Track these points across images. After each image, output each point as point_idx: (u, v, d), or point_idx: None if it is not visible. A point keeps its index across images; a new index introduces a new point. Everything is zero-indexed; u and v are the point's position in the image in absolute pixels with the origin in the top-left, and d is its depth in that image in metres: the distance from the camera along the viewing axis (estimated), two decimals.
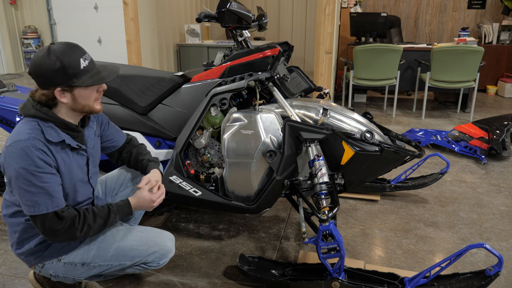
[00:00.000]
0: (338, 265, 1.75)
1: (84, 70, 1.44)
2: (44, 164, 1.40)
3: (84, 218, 1.48)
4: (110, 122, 1.81)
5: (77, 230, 1.46)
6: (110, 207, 1.56)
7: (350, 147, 1.92)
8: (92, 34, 5.27)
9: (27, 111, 1.46)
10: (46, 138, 1.44)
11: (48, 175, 1.41)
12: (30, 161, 1.37)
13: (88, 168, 1.62)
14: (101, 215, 1.53)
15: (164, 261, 1.69)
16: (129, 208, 1.61)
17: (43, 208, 1.39)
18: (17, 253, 1.58)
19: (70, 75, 1.40)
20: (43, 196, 1.39)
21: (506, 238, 2.34)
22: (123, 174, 1.90)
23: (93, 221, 1.50)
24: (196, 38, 5.56)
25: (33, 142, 1.39)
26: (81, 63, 1.43)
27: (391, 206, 2.71)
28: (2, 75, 6.85)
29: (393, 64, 4.77)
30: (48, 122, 1.46)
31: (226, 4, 2.06)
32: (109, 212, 1.55)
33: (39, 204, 1.39)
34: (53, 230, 1.42)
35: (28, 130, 1.42)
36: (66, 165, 1.50)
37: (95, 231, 1.53)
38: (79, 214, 1.48)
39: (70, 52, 1.41)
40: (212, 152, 2.19)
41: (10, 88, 2.48)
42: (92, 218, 1.50)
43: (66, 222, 1.43)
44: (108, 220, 1.55)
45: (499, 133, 3.44)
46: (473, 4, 6.87)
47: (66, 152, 1.51)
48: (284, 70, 2.29)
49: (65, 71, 1.39)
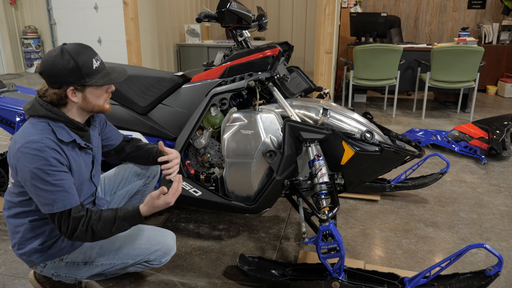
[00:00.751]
0: (338, 265, 1.75)
1: (96, 70, 1.47)
2: (58, 163, 1.41)
3: (89, 220, 1.45)
4: (107, 121, 1.83)
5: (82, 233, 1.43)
6: (118, 212, 1.50)
7: (350, 147, 1.93)
8: (92, 34, 5.28)
9: (35, 111, 1.46)
10: (58, 138, 1.45)
11: (62, 173, 1.42)
12: (44, 161, 1.37)
13: (93, 166, 1.63)
14: (105, 220, 1.47)
15: (166, 259, 1.70)
16: (140, 218, 1.51)
17: (61, 205, 1.40)
18: (18, 253, 1.58)
19: (83, 74, 1.43)
20: (61, 194, 1.40)
21: (506, 238, 2.34)
22: (121, 172, 1.91)
23: (96, 224, 1.45)
24: (196, 38, 5.56)
25: (46, 142, 1.40)
26: (93, 63, 1.46)
27: (391, 206, 2.71)
28: (2, 75, 6.85)
29: (393, 64, 4.77)
30: (59, 122, 1.48)
31: (226, 4, 2.06)
32: (116, 218, 1.48)
33: (57, 201, 1.39)
34: (72, 228, 1.42)
35: (40, 130, 1.42)
36: (76, 164, 1.51)
37: (101, 235, 1.47)
38: (86, 216, 1.45)
39: (83, 52, 1.45)
40: (212, 152, 2.19)
41: (10, 88, 2.48)
42: (96, 221, 1.46)
43: (76, 222, 1.43)
44: (114, 226, 1.48)
45: (499, 133, 3.44)
46: (473, 4, 6.87)
47: (76, 152, 1.52)
48: (284, 70, 2.29)
49: (79, 70, 1.42)
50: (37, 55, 7.02)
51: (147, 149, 1.85)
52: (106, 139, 1.81)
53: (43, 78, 1.46)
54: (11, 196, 1.52)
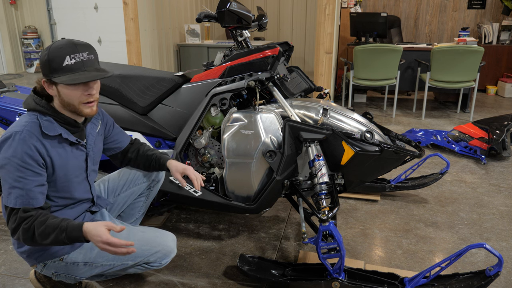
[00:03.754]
0: (338, 265, 1.75)
1: (65, 67, 1.42)
2: (29, 161, 1.40)
3: (33, 221, 1.38)
4: (115, 123, 1.83)
5: (23, 232, 1.37)
6: (62, 222, 1.38)
7: (350, 147, 1.93)
8: (92, 34, 5.28)
9: (27, 104, 1.51)
10: (42, 131, 1.45)
11: (29, 172, 1.41)
12: (16, 153, 1.39)
13: (87, 164, 1.62)
14: (49, 225, 1.37)
15: (166, 261, 1.69)
16: (79, 232, 1.35)
17: (12, 202, 1.39)
18: (19, 251, 1.58)
19: (51, 69, 1.43)
20: (17, 191, 1.39)
21: (506, 238, 2.34)
22: (125, 175, 1.90)
23: (39, 227, 1.37)
24: (196, 38, 5.56)
25: (25, 135, 1.41)
26: (65, 60, 1.41)
27: (391, 206, 2.71)
28: (2, 75, 6.85)
29: (393, 64, 4.77)
30: (47, 115, 1.49)
31: (226, 4, 2.06)
32: (58, 227, 1.36)
33: (11, 195, 1.39)
34: (12, 227, 1.39)
35: (24, 122, 1.44)
36: (62, 159, 1.50)
37: (39, 241, 1.38)
38: (32, 217, 1.38)
39: (62, 48, 1.42)
40: (212, 152, 2.19)
41: (10, 88, 2.48)
42: (39, 224, 1.37)
43: (18, 221, 1.37)
44: (54, 234, 1.36)
45: (499, 133, 3.44)
46: (473, 4, 6.87)
47: (63, 147, 1.51)
48: (284, 70, 2.29)
49: (49, 64, 1.43)
50: (37, 55, 7.01)
51: (147, 156, 1.84)
52: (112, 142, 1.81)
53: None
54: None
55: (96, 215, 1.73)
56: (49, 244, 1.38)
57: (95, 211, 1.72)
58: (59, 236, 1.35)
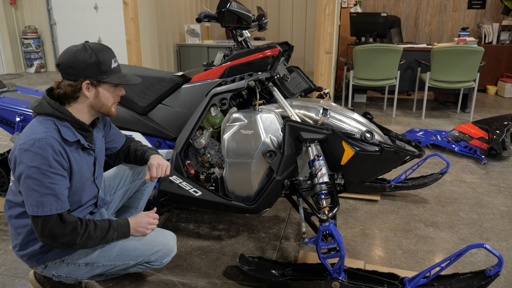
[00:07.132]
0: (338, 265, 1.75)
1: (113, 69, 1.53)
2: (57, 165, 1.40)
3: (86, 225, 1.48)
4: (111, 123, 1.83)
5: (78, 236, 1.45)
6: (111, 222, 1.57)
7: (350, 147, 1.92)
8: (92, 34, 5.28)
9: (42, 109, 1.47)
10: (62, 137, 1.44)
11: (58, 176, 1.41)
12: (44, 160, 1.37)
13: (95, 168, 1.63)
14: (101, 227, 1.53)
15: (166, 260, 1.70)
16: (127, 228, 1.62)
17: (47, 209, 1.39)
18: (19, 254, 1.57)
19: (102, 70, 1.48)
20: (50, 198, 1.39)
21: (506, 238, 2.34)
22: (120, 172, 1.91)
23: (93, 231, 1.50)
24: (196, 38, 5.56)
25: (50, 141, 1.39)
26: (112, 63, 1.52)
27: (391, 206, 2.71)
28: (2, 75, 6.85)
29: (393, 64, 4.77)
30: (64, 121, 1.48)
31: (226, 4, 2.06)
32: (110, 227, 1.56)
33: (44, 205, 1.38)
34: (53, 233, 1.41)
35: (44, 128, 1.42)
36: (78, 165, 1.51)
37: (93, 243, 1.52)
38: (81, 221, 1.48)
39: (105, 51, 1.51)
40: (212, 152, 2.19)
41: (10, 88, 2.48)
42: (93, 228, 1.50)
43: (68, 227, 1.43)
44: (107, 234, 1.55)
45: (499, 133, 3.44)
46: (473, 4, 6.87)
47: (78, 152, 1.52)
48: (284, 70, 2.29)
49: (99, 65, 1.47)
50: (37, 55, 7.01)
51: (135, 151, 1.86)
52: (110, 141, 1.82)
53: (59, 70, 1.49)
54: (14, 195, 1.51)
55: (95, 215, 1.74)
56: (98, 244, 1.54)
57: (94, 212, 1.72)
58: (109, 235, 1.55)
